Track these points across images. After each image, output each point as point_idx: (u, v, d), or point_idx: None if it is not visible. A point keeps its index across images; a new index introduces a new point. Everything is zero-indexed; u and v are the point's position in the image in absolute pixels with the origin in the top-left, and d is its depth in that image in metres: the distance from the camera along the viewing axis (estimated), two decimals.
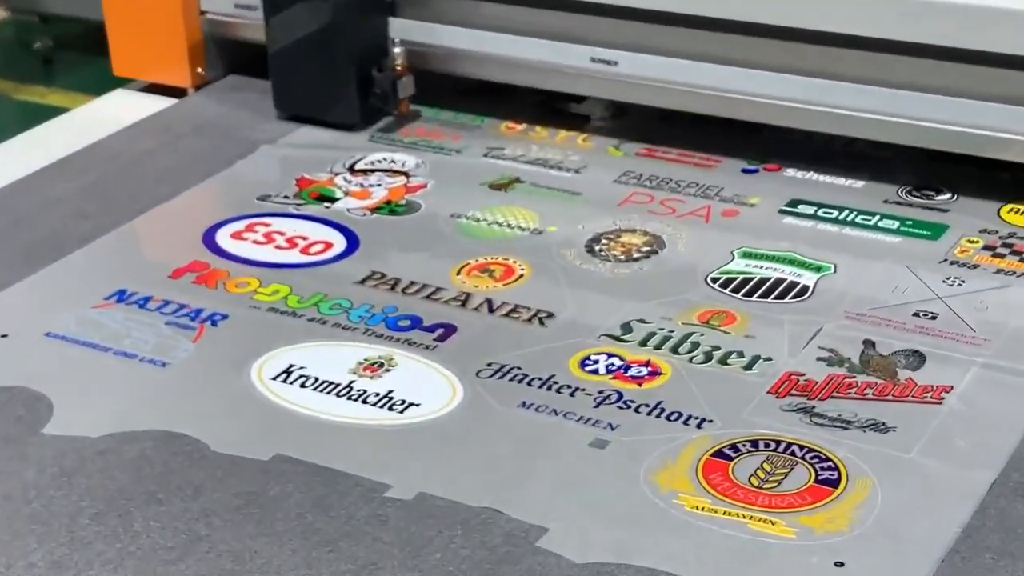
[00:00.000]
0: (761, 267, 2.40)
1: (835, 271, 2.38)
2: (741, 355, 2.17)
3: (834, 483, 1.91)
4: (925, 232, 2.49)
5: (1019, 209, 2.53)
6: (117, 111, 3.04)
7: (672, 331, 2.23)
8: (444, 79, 2.92)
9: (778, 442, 1.98)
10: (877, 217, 2.53)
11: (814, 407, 2.05)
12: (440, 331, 2.25)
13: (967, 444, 1.97)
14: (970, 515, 1.85)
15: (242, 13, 3.05)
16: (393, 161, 2.80)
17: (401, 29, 2.91)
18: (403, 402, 2.10)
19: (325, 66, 2.86)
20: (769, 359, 2.16)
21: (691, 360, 2.16)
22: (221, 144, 2.89)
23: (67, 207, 2.67)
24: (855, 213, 2.55)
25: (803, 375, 2.12)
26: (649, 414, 2.05)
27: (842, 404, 2.05)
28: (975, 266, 2.38)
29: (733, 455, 1.96)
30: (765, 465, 1.94)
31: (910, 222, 2.52)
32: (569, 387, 2.11)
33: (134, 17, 3.08)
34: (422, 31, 2.90)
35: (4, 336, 2.28)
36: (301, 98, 2.92)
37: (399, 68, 2.87)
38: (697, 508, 1.87)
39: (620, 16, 2.73)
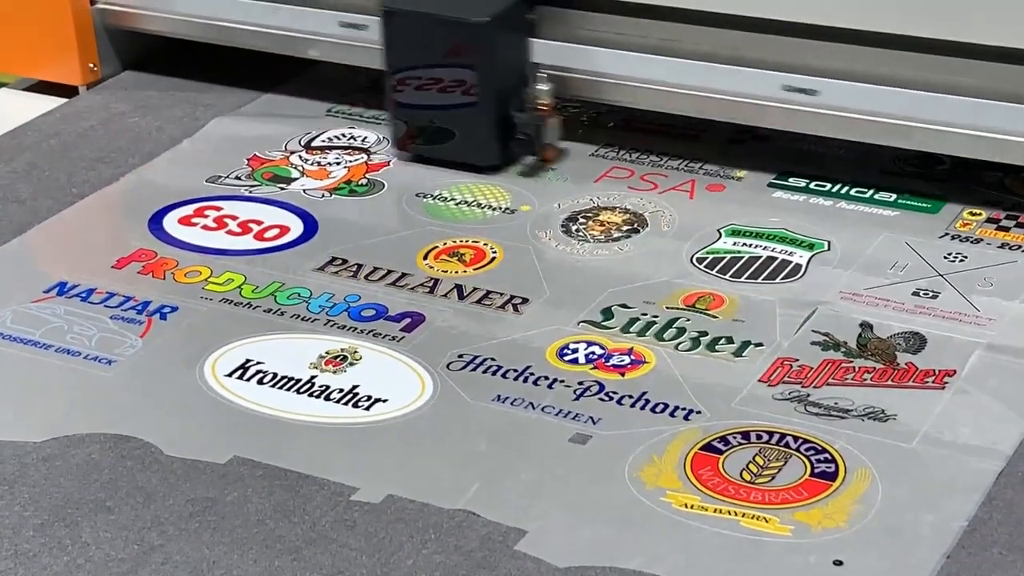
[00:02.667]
0: (750, 245, 2.42)
1: (829, 248, 2.41)
2: (730, 340, 2.20)
3: (831, 476, 1.94)
4: (924, 205, 2.52)
5: None
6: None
7: (656, 316, 2.26)
8: None
9: (771, 433, 2.01)
10: (873, 190, 2.56)
11: (809, 395, 2.08)
12: (407, 320, 2.27)
13: (972, 432, 2.01)
14: (976, 508, 1.88)
15: (138, 1, 2.97)
16: (352, 137, 2.81)
17: (547, 54, 2.64)
18: (369, 398, 2.12)
19: (458, 100, 2.60)
20: (760, 344, 2.19)
21: (677, 347, 2.19)
22: (164, 121, 2.89)
23: None
24: (849, 186, 2.58)
25: (796, 361, 2.15)
26: (633, 406, 2.08)
27: (838, 391, 2.08)
28: (978, 240, 2.42)
29: (723, 448, 1.99)
30: (758, 458, 1.97)
31: (908, 194, 2.55)
32: (547, 378, 2.13)
33: (17, 7, 2.98)
34: (571, 56, 2.64)
35: None
36: (427, 136, 2.66)
37: (544, 107, 2.63)
38: (686, 506, 1.90)
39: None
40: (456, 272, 2.39)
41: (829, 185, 2.58)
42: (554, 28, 2.66)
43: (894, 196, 2.54)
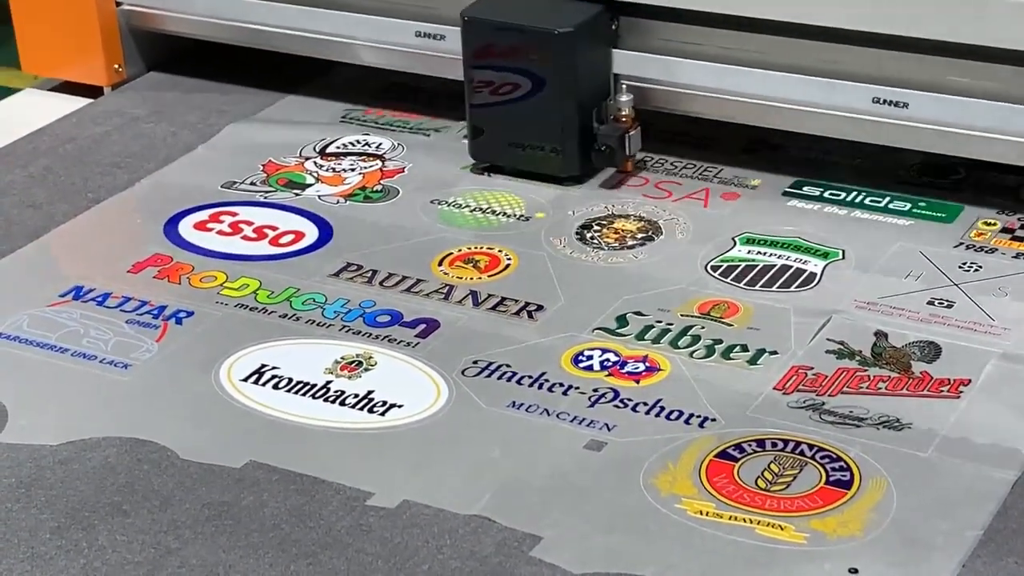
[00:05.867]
0: (764, 254, 2.43)
1: (843, 257, 2.42)
2: (745, 348, 2.20)
3: (846, 484, 1.94)
4: (939, 214, 2.52)
5: None
6: (23, 113, 2.99)
7: (671, 324, 2.26)
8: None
9: (786, 441, 2.01)
10: (887, 198, 2.57)
11: (824, 403, 2.08)
12: (422, 327, 2.28)
13: (986, 441, 2.01)
14: (991, 517, 1.88)
15: (162, 3, 3.01)
16: (367, 144, 2.82)
17: (628, 64, 2.62)
18: (384, 403, 2.12)
19: (539, 111, 2.58)
20: (775, 352, 2.19)
21: (691, 354, 2.19)
22: (179, 127, 2.90)
23: (15, 197, 2.69)
24: (864, 194, 2.58)
25: (811, 369, 2.15)
26: (648, 413, 2.08)
27: (853, 400, 2.09)
28: (993, 250, 2.42)
29: (738, 456, 1.99)
30: (773, 466, 1.97)
31: (923, 203, 2.55)
32: (561, 385, 2.14)
33: (43, 8, 3.03)
34: (655, 67, 2.61)
35: None
36: (504, 146, 2.64)
37: (625, 118, 2.61)
38: (701, 513, 1.91)
39: None
40: (471, 279, 2.40)
41: (844, 194, 2.59)
42: (637, 39, 2.63)
43: (908, 205, 2.55)
